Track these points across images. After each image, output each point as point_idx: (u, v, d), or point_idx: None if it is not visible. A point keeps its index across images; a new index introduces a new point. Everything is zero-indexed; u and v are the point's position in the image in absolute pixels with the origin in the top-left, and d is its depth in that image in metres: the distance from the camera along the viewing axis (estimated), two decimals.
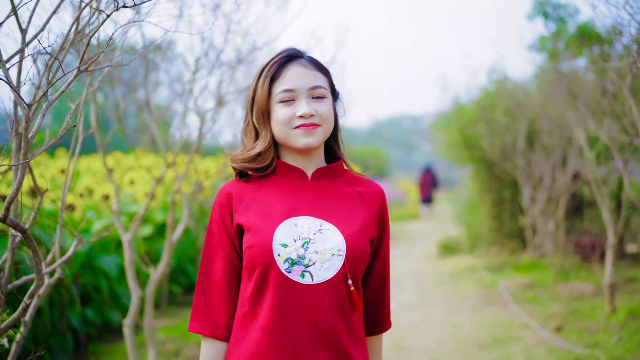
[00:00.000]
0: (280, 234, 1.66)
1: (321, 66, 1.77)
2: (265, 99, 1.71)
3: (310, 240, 1.66)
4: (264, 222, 1.68)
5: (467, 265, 9.18)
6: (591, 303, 6.37)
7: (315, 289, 1.64)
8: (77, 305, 4.93)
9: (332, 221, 1.70)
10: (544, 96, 8.06)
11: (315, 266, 1.65)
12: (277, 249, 1.64)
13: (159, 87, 5.81)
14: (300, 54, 1.76)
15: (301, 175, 1.76)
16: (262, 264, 1.64)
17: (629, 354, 4.66)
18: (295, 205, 1.71)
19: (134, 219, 3.65)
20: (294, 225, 1.67)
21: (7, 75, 1.62)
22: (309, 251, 1.65)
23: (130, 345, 3.64)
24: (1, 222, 1.66)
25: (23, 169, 1.61)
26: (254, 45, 3.72)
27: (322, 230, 1.68)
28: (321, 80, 1.74)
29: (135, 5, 1.57)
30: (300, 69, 1.71)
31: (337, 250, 1.66)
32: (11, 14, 1.82)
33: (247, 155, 1.73)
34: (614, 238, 6.04)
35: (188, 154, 4.67)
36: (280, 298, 1.63)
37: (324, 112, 1.71)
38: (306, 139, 1.68)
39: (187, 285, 7.07)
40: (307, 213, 1.70)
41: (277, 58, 1.74)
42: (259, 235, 1.66)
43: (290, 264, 1.64)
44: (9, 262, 1.93)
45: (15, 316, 1.76)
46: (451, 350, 5.17)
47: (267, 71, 1.72)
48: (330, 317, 1.65)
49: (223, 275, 1.72)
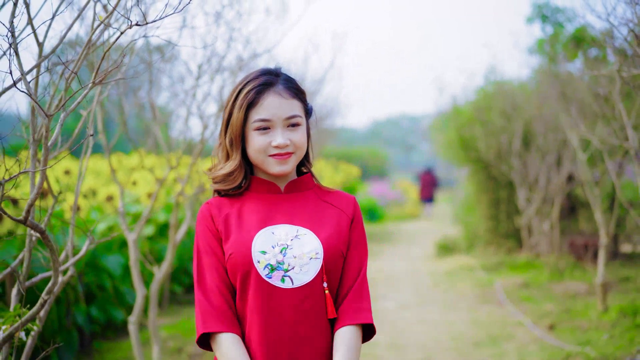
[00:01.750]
0: (259, 242, 1.74)
1: (297, 91, 1.82)
2: (240, 124, 1.77)
3: (288, 246, 1.74)
4: (242, 232, 1.76)
5: (464, 265, 9.31)
6: (584, 302, 6.50)
7: (296, 292, 1.72)
8: (82, 304, 5.06)
9: (308, 226, 1.79)
10: (540, 98, 8.20)
11: (295, 270, 1.72)
12: (257, 255, 1.72)
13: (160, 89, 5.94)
14: (277, 79, 1.79)
15: (275, 189, 1.84)
16: (242, 271, 1.72)
17: (619, 351, 4.79)
18: (270, 214, 1.80)
19: (139, 220, 3.78)
20: (271, 233, 1.76)
21: (28, 87, 1.75)
22: (287, 256, 1.73)
23: (136, 342, 3.77)
24: (22, 224, 1.79)
25: (43, 174, 1.74)
26: (254, 52, 3.86)
27: (299, 236, 1.76)
28: (297, 107, 1.80)
29: (147, 23, 1.70)
30: (276, 99, 1.76)
31: (314, 254, 1.74)
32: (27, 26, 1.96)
33: (217, 174, 1.82)
34: (606, 238, 6.18)
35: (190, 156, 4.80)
36: (263, 302, 1.71)
37: (298, 140, 1.78)
38: (280, 167, 1.78)
39: (188, 284, 7.20)
40: (283, 221, 1.79)
41: (255, 84, 1.77)
42: (237, 244, 1.74)
43: (270, 269, 1.72)
44: (26, 261, 2.06)
45: (34, 311, 1.89)
46: (446, 348, 5.30)
47: (244, 98, 1.77)
48: (312, 318, 1.73)
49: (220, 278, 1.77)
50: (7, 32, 1.70)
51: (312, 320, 1.74)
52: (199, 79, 3.81)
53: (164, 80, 5.37)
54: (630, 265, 8.31)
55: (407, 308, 6.90)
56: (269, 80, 1.78)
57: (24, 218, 1.78)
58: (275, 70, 1.83)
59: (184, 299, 7.02)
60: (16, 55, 1.72)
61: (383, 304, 7.04)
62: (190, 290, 7.29)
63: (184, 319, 5.96)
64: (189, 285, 7.23)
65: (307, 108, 1.86)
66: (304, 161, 1.91)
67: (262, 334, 1.71)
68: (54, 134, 1.77)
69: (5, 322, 1.93)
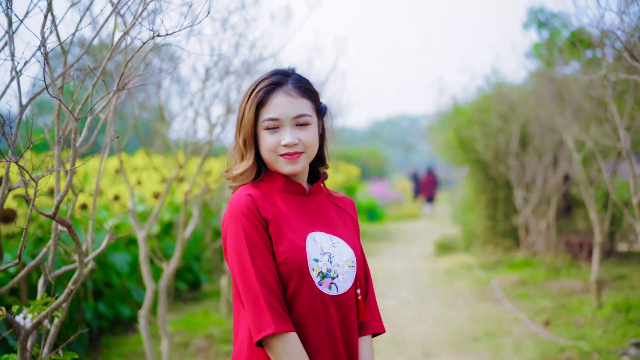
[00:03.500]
0: (310, 249, 1.76)
1: (306, 90, 1.82)
2: (251, 123, 1.79)
3: (331, 254, 1.79)
4: (292, 237, 1.75)
5: (462, 264, 9.47)
6: (579, 299, 6.66)
7: (339, 298, 1.78)
8: (91, 300, 5.21)
9: (338, 235, 1.84)
10: (536, 100, 8.35)
11: (339, 278, 1.78)
12: (312, 264, 1.74)
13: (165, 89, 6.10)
14: (287, 79, 1.81)
15: (302, 191, 1.86)
16: (298, 277, 1.73)
17: (612, 345, 4.94)
18: (308, 220, 1.82)
19: (149, 218, 3.94)
20: (314, 240, 1.78)
21: (58, 94, 1.90)
22: (333, 264, 1.77)
23: (146, 335, 3.92)
24: (51, 219, 1.95)
25: (71, 173, 1.89)
26: (260, 56, 4.01)
27: (335, 244, 1.81)
28: (306, 107, 1.80)
29: (167, 34, 1.86)
30: (285, 99, 1.78)
31: (351, 262, 1.81)
32: (50, 34, 2.11)
33: (231, 175, 1.84)
34: (600, 236, 6.33)
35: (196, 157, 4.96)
36: (314, 308, 1.74)
37: (307, 139, 1.79)
38: (290, 167, 1.78)
39: (192, 281, 7.35)
40: (319, 228, 1.82)
41: (264, 84, 1.79)
42: (292, 251, 1.73)
43: (321, 277, 1.75)
44: (52, 253, 2.21)
45: (61, 299, 2.04)
46: (444, 343, 5.46)
47: (254, 97, 1.79)
48: (350, 323, 1.81)
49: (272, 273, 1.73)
50: (39, 44, 1.85)
51: (350, 324, 1.81)
52: (206, 82, 3.97)
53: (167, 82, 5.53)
54: (626, 264, 8.47)
55: (406, 305, 7.05)
56: (279, 80, 1.80)
57: (53, 213, 1.94)
58: (286, 70, 1.85)
59: (188, 296, 7.17)
60: (47, 63, 1.88)
61: (383, 301, 7.19)
62: (195, 287, 7.45)
63: (190, 314, 6.11)
64: (193, 282, 7.38)
65: (320, 108, 1.87)
66: (316, 163, 1.92)
67: (310, 339, 1.74)
68: (81, 135, 1.92)
69: (34, 309, 2.08)
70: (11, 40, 2.11)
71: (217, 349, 5.08)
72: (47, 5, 1.96)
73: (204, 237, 7.30)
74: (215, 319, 5.76)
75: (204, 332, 5.32)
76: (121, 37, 1.91)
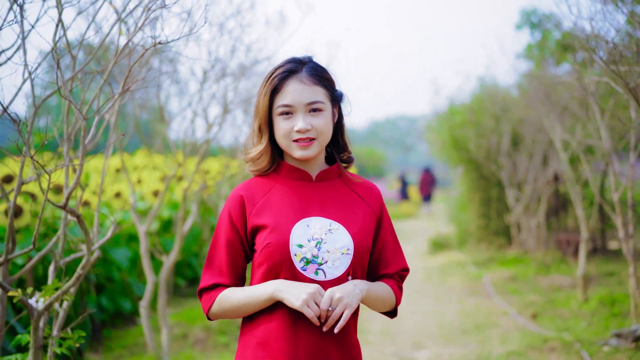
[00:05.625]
0: (296, 235, 1.80)
1: (321, 78, 1.87)
2: (266, 109, 1.85)
3: (322, 240, 1.81)
4: (279, 223, 1.82)
5: (455, 261, 9.68)
6: (567, 293, 6.86)
7: (327, 285, 1.80)
8: (93, 294, 5.40)
9: (339, 220, 1.86)
10: (527, 101, 8.55)
11: (328, 264, 1.80)
12: (294, 249, 1.79)
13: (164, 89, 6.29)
14: (301, 67, 1.86)
15: (306, 177, 1.91)
16: (279, 262, 1.79)
17: (595, 336, 5.14)
18: (304, 206, 1.86)
19: (149, 213, 4.13)
20: (307, 226, 1.82)
21: (68, 95, 2.10)
22: (321, 250, 1.80)
23: (146, 325, 4.12)
24: (62, 209, 2.14)
25: (81, 168, 2.09)
26: (255, 59, 4.21)
27: (332, 230, 1.83)
28: (319, 94, 1.85)
29: (168, 42, 2.05)
30: (298, 86, 1.83)
31: (346, 250, 1.82)
32: (60, 39, 2.31)
33: (247, 157, 1.92)
34: (587, 233, 6.54)
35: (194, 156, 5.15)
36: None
37: (320, 125, 1.84)
38: (302, 152, 1.84)
39: (191, 277, 7.55)
40: (317, 214, 1.85)
41: (279, 71, 1.85)
42: (275, 235, 1.80)
43: (305, 262, 1.79)
44: (62, 242, 2.41)
45: (71, 283, 2.23)
46: (434, 335, 5.66)
47: (269, 84, 1.85)
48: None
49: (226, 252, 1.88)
50: (52, 50, 2.05)
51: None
52: (204, 84, 4.16)
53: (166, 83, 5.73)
54: (616, 261, 8.66)
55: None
56: (293, 68, 1.85)
57: (64, 204, 2.13)
58: (302, 58, 1.90)
59: (187, 291, 7.36)
60: (58, 68, 2.07)
61: None
62: (193, 283, 7.64)
63: (189, 308, 6.31)
64: (192, 278, 7.58)
65: (335, 95, 1.92)
66: (332, 149, 1.97)
67: (289, 322, 1.79)
68: (89, 133, 2.11)
69: (46, 294, 2.27)
70: (23, 46, 2.31)
71: (215, 340, 5.28)
72: (58, 15, 2.16)
73: (202, 234, 7.50)
74: None
75: (202, 324, 5.52)
76: (125, 44, 2.10)
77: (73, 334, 2.24)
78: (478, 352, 5.06)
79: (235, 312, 1.84)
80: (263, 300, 1.79)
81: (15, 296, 2.12)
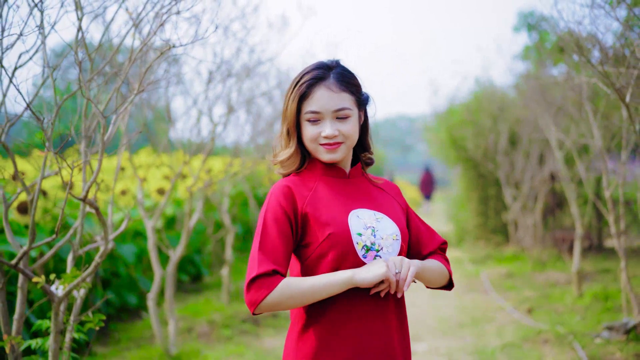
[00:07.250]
0: (352, 224, 1.86)
1: (347, 84, 1.91)
2: (294, 114, 1.90)
3: (375, 228, 1.88)
4: (335, 215, 1.87)
5: (453, 258, 9.83)
6: (562, 289, 7.02)
7: None
8: (100, 288, 5.56)
9: (381, 210, 1.94)
10: (524, 101, 8.71)
11: (383, 251, 1.87)
12: (355, 237, 1.84)
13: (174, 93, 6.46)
14: (329, 73, 1.90)
15: (342, 174, 1.98)
16: (345, 251, 1.83)
17: (588, 329, 5.30)
18: (349, 198, 1.93)
19: (156, 209, 4.29)
20: (357, 216, 1.89)
21: (88, 96, 2.26)
22: (377, 238, 1.87)
23: (154, 316, 4.27)
24: (82, 201, 2.30)
25: (100, 163, 2.25)
26: (259, 60, 4.37)
27: (379, 219, 1.91)
28: (346, 100, 1.89)
29: (181, 45, 2.21)
30: (326, 93, 1.87)
31: (395, 236, 1.90)
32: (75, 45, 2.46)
33: (277, 160, 1.96)
34: (581, 230, 6.70)
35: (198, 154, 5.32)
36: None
37: (347, 131, 1.89)
38: (329, 155, 1.91)
39: (194, 274, 7.71)
40: (362, 205, 1.93)
41: (307, 77, 1.89)
42: (334, 226, 1.85)
43: (365, 250, 1.85)
44: (79, 232, 2.57)
45: (89, 271, 2.39)
46: (432, 328, 5.82)
47: (297, 90, 1.89)
48: (393, 295, 1.90)
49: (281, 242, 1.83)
50: (74, 53, 2.21)
51: (393, 296, 1.92)
52: (209, 84, 4.32)
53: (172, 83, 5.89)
54: (611, 259, 8.81)
55: None
56: (321, 75, 1.89)
57: (83, 197, 2.29)
58: (329, 63, 1.93)
59: (190, 287, 7.52)
60: (80, 71, 2.23)
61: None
62: (196, 279, 7.81)
63: (193, 303, 6.47)
64: (195, 274, 7.74)
65: (361, 99, 1.97)
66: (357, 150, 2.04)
67: (356, 310, 1.85)
68: (108, 131, 2.27)
69: (65, 281, 2.43)
70: (44, 48, 2.46)
71: (219, 333, 5.44)
72: (78, 21, 2.32)
73: (206, 230, 7.66)
74: (217, 306, 6.12)
75: (207, 318, 5.68)
76: (140, 47, 2.26)
77: (93, 317, 2.40)
78: (474, 345, 5.23)
79: (301, 298, 1.80)
80: (339, 285, 1.80)
81: (38, 282, 2.28)
